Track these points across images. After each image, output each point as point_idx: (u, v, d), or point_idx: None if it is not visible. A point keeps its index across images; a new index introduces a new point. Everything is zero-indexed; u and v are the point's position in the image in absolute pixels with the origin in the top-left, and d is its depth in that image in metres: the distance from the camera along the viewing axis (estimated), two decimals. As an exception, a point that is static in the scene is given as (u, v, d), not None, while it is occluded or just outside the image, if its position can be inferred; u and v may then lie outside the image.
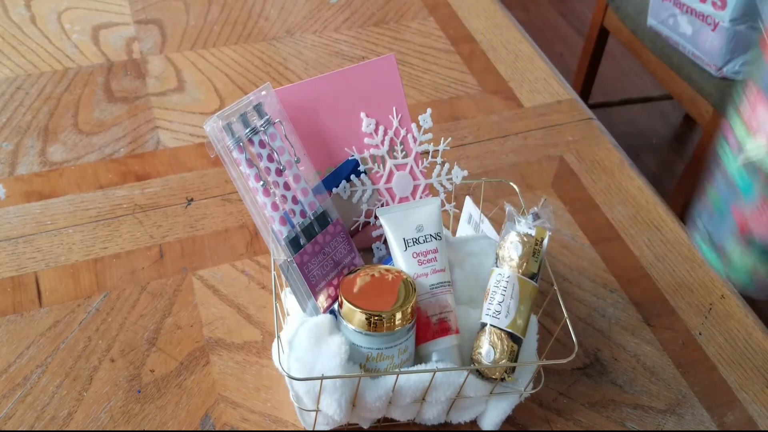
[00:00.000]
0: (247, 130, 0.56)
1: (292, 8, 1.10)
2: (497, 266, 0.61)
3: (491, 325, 0.58)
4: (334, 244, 0.60)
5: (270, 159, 0.57)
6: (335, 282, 0.60)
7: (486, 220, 0.69)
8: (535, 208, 0.62)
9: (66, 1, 1.07)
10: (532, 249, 0.60)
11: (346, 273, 0.60)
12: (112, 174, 0.83)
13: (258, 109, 0.57)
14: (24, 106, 0.91)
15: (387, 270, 0.59)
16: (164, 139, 0.88)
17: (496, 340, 0.58)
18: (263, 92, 0.58)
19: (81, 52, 0.99)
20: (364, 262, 0.63)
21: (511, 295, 0.59)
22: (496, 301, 0.59)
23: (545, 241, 0.61)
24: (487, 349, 0.58)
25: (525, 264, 0.59)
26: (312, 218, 0.59)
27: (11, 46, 0.99)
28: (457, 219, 0.76)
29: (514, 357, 0.57)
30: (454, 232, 0.74)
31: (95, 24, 1.03)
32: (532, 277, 0.60)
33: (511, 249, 0.60)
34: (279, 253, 0.59)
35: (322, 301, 0.59)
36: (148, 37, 1.02)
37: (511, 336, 0.58)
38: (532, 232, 0.61)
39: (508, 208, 0.63)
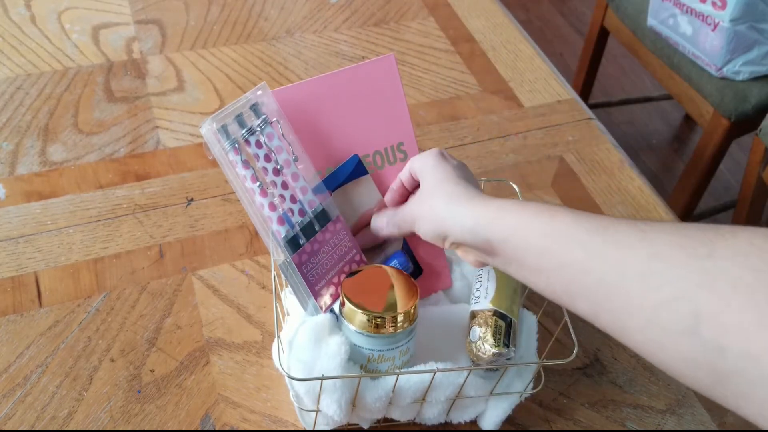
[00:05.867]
0: (243, 131, 0.56)
1: (292, 8, 1.10)
2: None
3: (475, 309, 0.60)
4: (335, 242, 0.60)
5: (267, 159, 0.57)
6: (335, 280, 0.60)
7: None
8: None
9: (66, 1, 1.07)
10: None
11: (347, 270, 0.60)
12: (112, 174, 0.83)
13: (254, 109, 0.57)
14: (24, 106, 0.91)
15: (390, 271, 0.59)
16: (164, 139, 0.88)
17: (481, 320, 0.59)
18: (259, 92, 0.57)
19: (81, 52, 0.99)
20: (366, 259, 0.63)
21: (488, 278, 0.62)
22: (475, 288, 0.62)
23: None
24: (473, 330, 0.59)
25: None
26: (312, 216, 0.59)
27: (11, 46, 0.99)
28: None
29: (502, 332, 0.58)
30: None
31: (95, 24, 1.03)
32: None
33: None
34: (278, 253, 0.59)
35: (324, 299, 0.59)
36: (148, 37, 1.02)
37: (495, 313, 0.59)
38: None
39: None
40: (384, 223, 0.60)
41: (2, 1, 1.06)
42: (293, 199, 0.58)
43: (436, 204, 0.53)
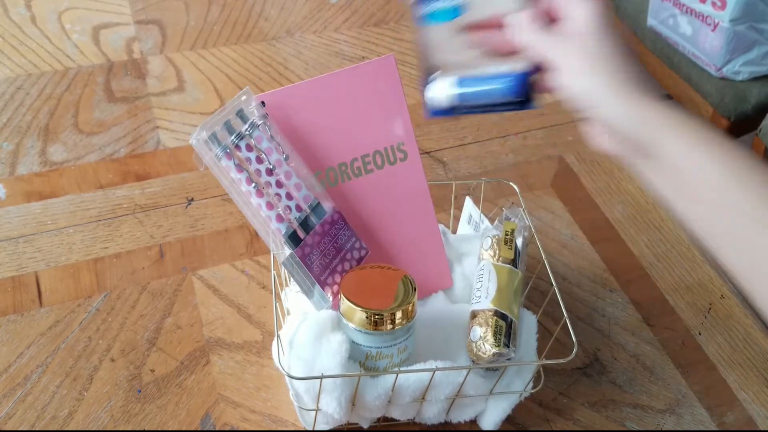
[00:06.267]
0: (232, 137, 0.57)
1: (292, 8, 1.10)
2: (477, 264, 0.65)
3: (475, 309, 0.61)
4: (334, 232, 0.60)
5: (259, 161, 0.58)
6: (339, 268, 0.60)
7: (486, 220, 0.69)
8: (504, 211, 0.67)
9: (66, 1, 1.07)
10: (504, 239, 0.64)
11: (350, 258, 0.60)
12: (113, 174, 0.83)
13: (240, 114, 0.58)
14: (24, 106, 0.91)
15: (388, 268, 0.59)
16: (164, 139, 0.88)
17: (482, 320, 0.60)
18: (243, 97, 0.58)
19: (81, 52, 0.99)
20: (367, 246, 0.63)
21: (489, 279, 0.62)
22: (476, 288, 0.62)
23: (515, 231, 0.65)
24: (474, 330, 0.59)
25: (498, 252, 0.63)
26: (308, 211, 0.59)
27: (11, 46, 0.99)
28: (457, 219, 0.76)
29: (502, 332, 0.58)
30: (454, 232, 0.74)
31: (95, 24, 1.04)
32: (512, 263, 0.63)
33: (484, 244, 0.65)
34: (280, 251, 0.59)
35: (331, 288, 0.59)
36: (148, 37, 1.02)
37: (496, 313, 0.59)
38: (497, 232, 0.65)
39: (472, 215, 0.70)
40: (525, 28, 0.49)
41: (2, 1, 1.06)
42: (289, 197, 0.58)
43: (595, 78, 0.46)
